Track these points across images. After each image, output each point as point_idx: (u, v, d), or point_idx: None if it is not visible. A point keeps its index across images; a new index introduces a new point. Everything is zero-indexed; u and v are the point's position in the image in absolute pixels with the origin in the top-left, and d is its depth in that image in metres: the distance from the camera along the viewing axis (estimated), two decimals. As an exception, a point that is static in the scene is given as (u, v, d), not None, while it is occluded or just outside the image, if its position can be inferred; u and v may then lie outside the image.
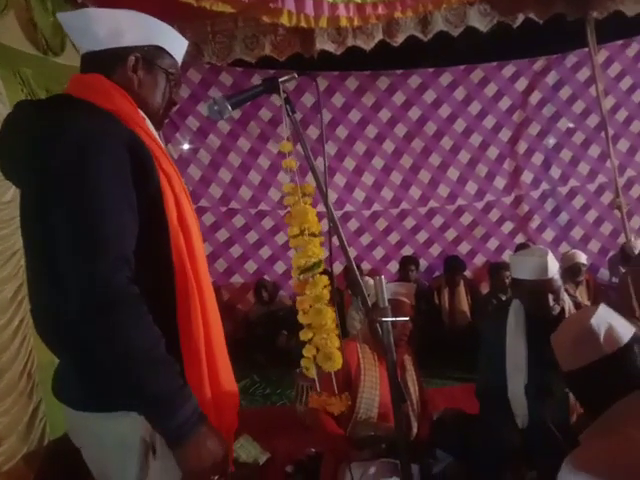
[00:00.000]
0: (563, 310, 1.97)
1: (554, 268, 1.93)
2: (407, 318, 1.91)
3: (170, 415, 0.96)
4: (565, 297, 2.02)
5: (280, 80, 1.20)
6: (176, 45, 1.21)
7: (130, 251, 0.99)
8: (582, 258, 4.31)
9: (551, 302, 1.91)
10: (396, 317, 1.31)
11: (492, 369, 2.00)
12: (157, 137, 1.15)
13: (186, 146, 5.26)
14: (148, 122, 1.15)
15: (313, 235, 1.23)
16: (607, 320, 1.24)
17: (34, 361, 2.66)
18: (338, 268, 5.04)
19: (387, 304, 1.28)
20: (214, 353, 1.10)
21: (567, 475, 1.08)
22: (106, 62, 1.13)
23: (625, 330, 1.24)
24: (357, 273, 1.27)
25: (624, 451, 1.06)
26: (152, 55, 1.16)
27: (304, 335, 1.24)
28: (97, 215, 0.96)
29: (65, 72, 3.10)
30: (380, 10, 3.83)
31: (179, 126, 5.12)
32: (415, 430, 2.12)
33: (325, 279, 1.24)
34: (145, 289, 0.99)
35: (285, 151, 1.24)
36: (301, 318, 1.24)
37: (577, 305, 2.07)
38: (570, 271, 4.15)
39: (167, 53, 1.19)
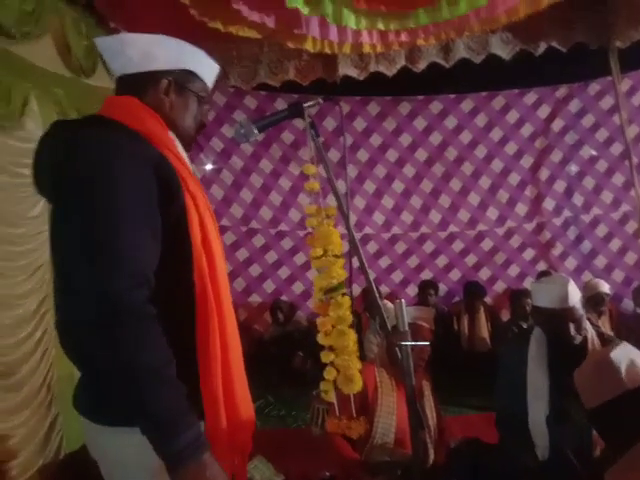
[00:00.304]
0: (586, 339, 1.94)
1: (575, 297, 1.91)
2: (427, 343, 1.90)
3: (171, 439, 0.95)
4: (588, 326, 1.98)
5: (305, 105, 1.23)
6: (207, 69, 1.24)
7: (149, 270, 1.00)
8: (605, 287, 4.23)
9: (572, 331, 1.88)
10: (415, 341, 1.30)
11: (512, 397, 1.96)
12: (185, 158, 1.18)
13: (209, 166, 5.36)
14: (177, 143, 1.18)
15: (336, 257, 1.24)
16: (629, 356, 1.24)
17: (54, 374, 2.70)
18: (356, 290, 5.03)
19: (407, 328, 1.28)
20: (232, 375, 1.10)
21: None
22: (139, 85, 1.17)
23: None
24: (377, 295, 1.28)
25: None
26: (183, 79, 1.20)
27: (325, 357, 1.24)
28: (114, 231, 0.97)
29: (95, 92, 3.22)
30: (403, 37, 3.88)
31: (203, 147, 5.24)
32: (432, 457, 2.09)
33: (348, 300, 1.25)
34: (164, 309, 0.99)
35: (309, 174, 1.26)
36: (322, 340, 1.24)
37: (600, 335, 2.02)
38: (593, 300, 4.07)
39: (198, 77, 1.22)
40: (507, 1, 3.44)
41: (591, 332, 1.98)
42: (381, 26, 3.67)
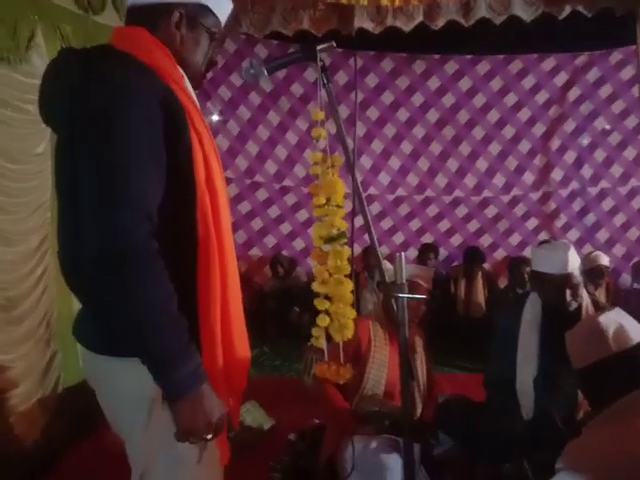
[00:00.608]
0: (580, 307, 1.96)
1: (575, 264, 1.92)
2: (423, 296, 1.92)
3: (171, 370, 0.98)
4: (584, 294, 2.00)
5: (318, 48, 1.19)
6: (221, 4, 1.21)
7: (154, 207, 1.00)
8: (605, 261, 4.24)
9: (568, 297, 1.89)
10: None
11: (503, 359, 1.99)
12: (193, 95, 1.16)
13: (216, 116, 5.28)
14: (186, 80, 1.16)
15: (338, 206, 1.24)
16: (618, 320, 1.26)
17: (54, 311, 2.75)
18: (356, 250, 5.05)
19: (404, 281, 1.29)
20: (230, 316, 1.12)
21: (559, 465, 1.11)
22: (150, 17, 1.14)
23: (636, 332, 1.25)
24: (377, 249, 1.28)
25: (626, 438, 1.07)
26: (196, 13, 1.16)
27: (320, 305, 1.25)
28: (123, 167, 0.97)
29: (103, 31, 3.13)
30: (423, -10, 3.75)
31: (211, 95, 5.14)
32: (419, 411, 2.14)
33: (348, 251, 1.25)
34: (167, 246, 1.00)
35: (317, 119, 1.24)
36: (318, 287, 1.25)
37: (595, 304, 2.04)
38: (592, 273, 4.09)
39: (211, 12, 1.19)
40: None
41: (586, 300, 2.00)
42: (401, -23, 3.54)
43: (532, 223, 5.55)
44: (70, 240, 1.08)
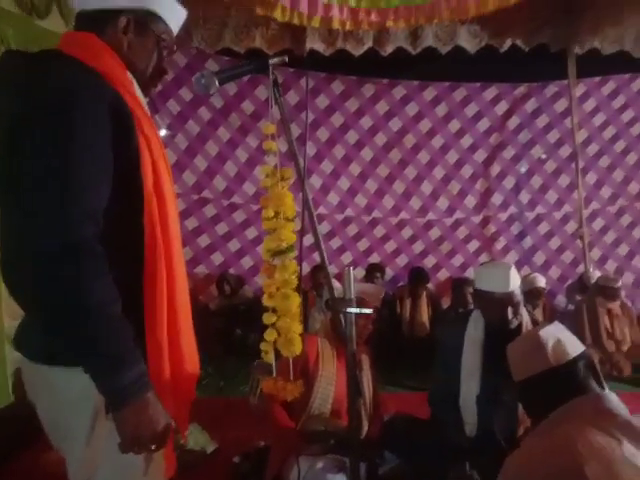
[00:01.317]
0: (521, 325, 2.02)
1: (516, 283, 1.98)
2: (370, 311, 1.92)
3: (114, 376, 0.95)
4: (524, 312, 2.07)
5: (270, 62, 1.20)
6: (171, 12, 1.20)
7: (99, 208, 0.98)
8: (542, 282, 4.44)
9: (510, 315, 1.95)
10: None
11: (446, 376, 2.03)
12: (143, 101, 1.15)
13: (164, 130, 5.18)
14: (135, 85, 1.15)
15: (287, 219, 1.23)
16: (556, 335, 1.31)
17: (-18, 328, 2.56)
18: (305, 269, 5.06)
19: (353, 296, 1.29)
20: (178, 323, 1.10)
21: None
22: (98, 22, 1.14)
23: (573, 346, 1.31)
24: (327, 266, 1.27)
25: (553, 449, 1.10)
26: (145, 19, 1.16)
27: (267, 319, 1.23)
28: (67, 167, 0.95)
29: (47, 37, 3.03)
30: (373, 17, 3.86)
31: (159, 108, 5.05)
32: (365, 429, 2.14)
33: (295, 265, 1.24)
34: (114, 250, 0.98)
35: (267, 133, 1.23)
36: (266, 301, 1.23)
37: (534, 322, 2.12)
38: (530, 294, 4.26)
39: (161, 19, 1.18)
40: (477, -7, 3.47)
41: (526, 318, 2.07)
42: (352, 3, 3.65)
43: (474, 245, 5.75)
44: (11, 240, 1.01)
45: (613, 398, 1.22)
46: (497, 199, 5.73)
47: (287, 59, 1.22)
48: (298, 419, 2.03)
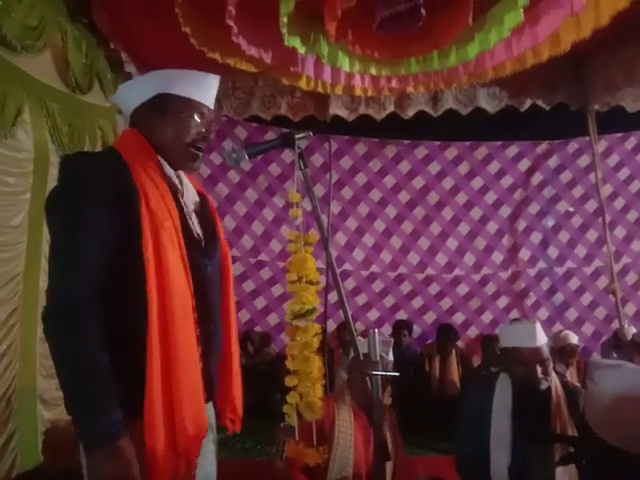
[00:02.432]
0: (550, 388, 1.96)
1: (543, 338, 1.94)
2: (397, 373, 1.90)
3: (86, 421, 1.07)
4: (553, 375, 2.01)
5: (296, 136, 1.29)
6: (186, 85, 1.34)
7: (96, 271, 1.15)
8: (574, 339, 4.31)
9: (539, 374, 1.89)
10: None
11: (475, 442, 1.95)
12: (171, 177, 1.31)
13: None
14: (163, 164, 1.31)
15: (310, 283, 1.27)
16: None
17: (15, 388, 2.63)
18: (331, 326, 5.06)
19: (379, 358, 1.31)
20: (179, 384, 1.16)
21: None
22: (134, 119, 1.37)
23: None
24: (352, 324, 1.30)
25: None
26: (158, 103, 1.32)
27: (289, 381, 1.26)
28: (68, 242, 1.15)
29: (88, 109, 3.26)
30: (393, 83, 4.03)
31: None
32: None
33: (317, 327, 1.28)
34: (115, 311, 1.14)
35: (294, 201, 1.31)
36: (289, 364, 1.26)
37: (564, 383, 2.05)
38: (562, 351, 4.14)
39: (176, 96, 1.32)
40: (495, 57, 3.60)
41: (555, 381, 2.00)
42: (373, 71, 3.82)
43: (503, 301, 5.66)
44: None
45: None
46: (525, 254, 5.68)
47: (312, 134, 1.31)
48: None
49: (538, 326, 1.96)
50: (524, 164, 5.61)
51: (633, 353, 4.25)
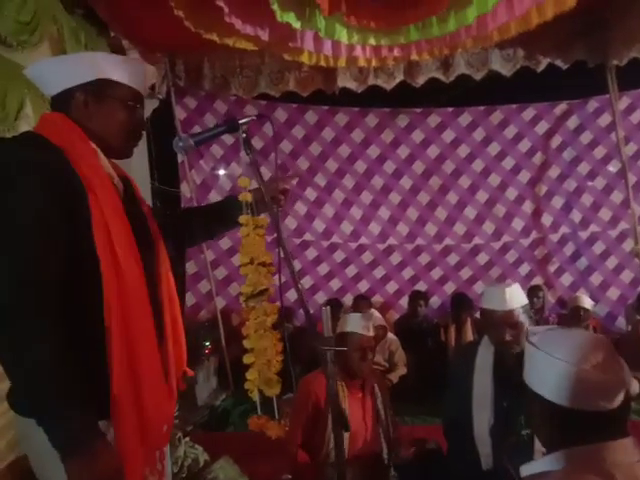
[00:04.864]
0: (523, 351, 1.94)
1: (515, 302, 1.90)
2: (345, 348, 1.92)
3: (58, 428, 1.03)
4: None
5: (240, 122, 1.31)
6: (128, 73, 1.30)
7: (48, 272, 1.09)
8: (586, 303, 4.22)
9: (507, 336, 1.86)
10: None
11: (458, 406, 1.98)
12: (106, 168, 1.27)
13: (207, 172, 5.47)
14: (99, 154, 1.27)
15: (262, 265, 1.31)
16: None
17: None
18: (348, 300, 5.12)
19: (331, 334, 1.34)
20: (140, 373, 1.16)
21: None
22: (64, 102, 1.28)
23: None
24: (305, 300, 1.32)
25: None
26: (100, 88, 1.28)
27: (247, 359, 1.31)
28: (18, 230, 1.09)
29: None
30: (396, 52, 3.94)
31: (203, 154, 5.35)
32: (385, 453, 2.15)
33: (270, 307, 1.32)
34: (77, 310, 1.11)
35: (243, 186, 1.34)
36: (245, 343, 1.31)
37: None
38: (572, 314, 4.07)
39: (119, 83, 1.29)
40: (497, 19, 3.47)
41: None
42: (372, 41, 3.75)
43: (525, 269, 5.56)
44: None
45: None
46: (547, 220, 5.54)
47: (255, 118, 1.33)
48: (317, 457, 2.07)
49: (511, 289, 1.91)
50: (542, 127, 5.42)
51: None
